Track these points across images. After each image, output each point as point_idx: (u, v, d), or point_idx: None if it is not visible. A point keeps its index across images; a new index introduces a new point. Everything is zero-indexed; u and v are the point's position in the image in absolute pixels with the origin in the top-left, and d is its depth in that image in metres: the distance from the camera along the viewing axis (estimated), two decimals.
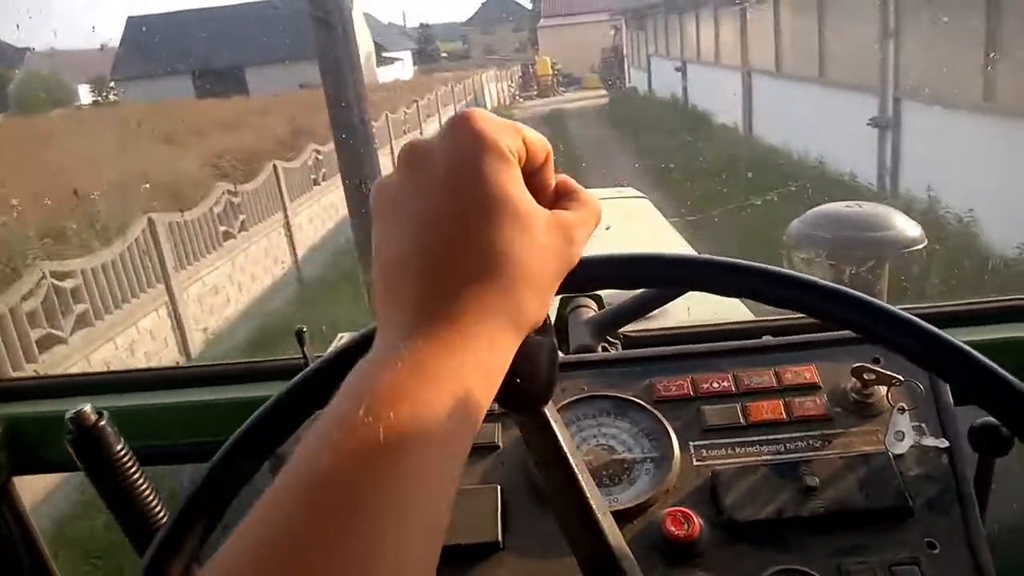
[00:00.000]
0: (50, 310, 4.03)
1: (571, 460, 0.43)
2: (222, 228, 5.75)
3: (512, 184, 0.32)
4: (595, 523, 0.43)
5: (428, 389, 0.28)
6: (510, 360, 0.32)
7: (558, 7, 33.41)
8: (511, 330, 0.32)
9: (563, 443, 0.42)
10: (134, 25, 22.58)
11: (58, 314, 4.09)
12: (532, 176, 0.35)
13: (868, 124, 6.42)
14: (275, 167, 6.79)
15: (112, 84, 20.25)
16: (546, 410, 0.42)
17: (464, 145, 0.32)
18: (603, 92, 22.14)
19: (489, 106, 19.74)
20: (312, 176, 7.60)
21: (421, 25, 44.82)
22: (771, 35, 9.01)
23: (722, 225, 5.22)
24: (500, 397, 0.37)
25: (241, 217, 6.05)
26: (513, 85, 25.23)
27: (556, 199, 0.36)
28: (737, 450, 0.58)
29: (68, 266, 4.31)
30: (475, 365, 0.30)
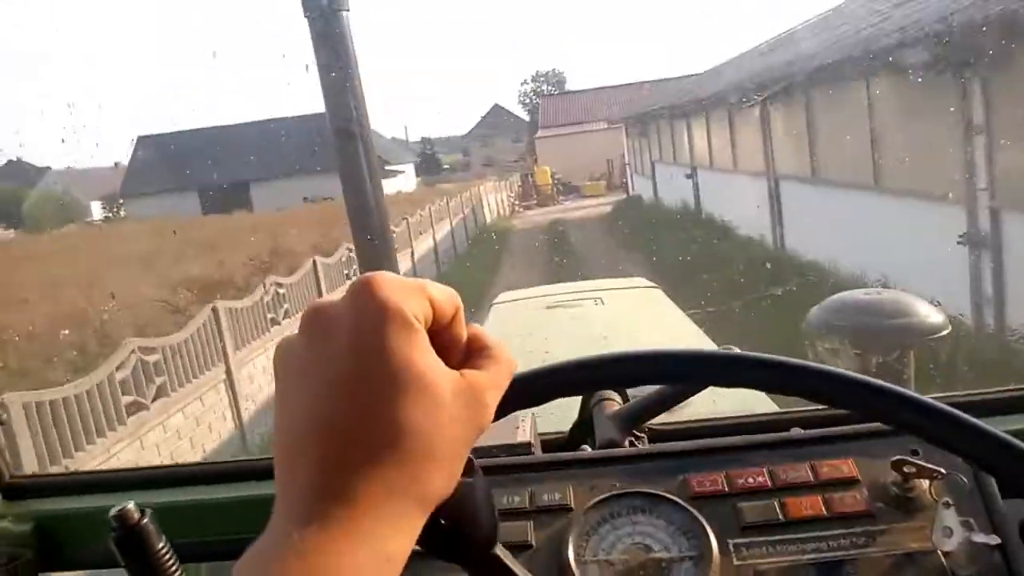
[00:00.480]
0: (136, 381, 4.84)
1: None
2: (270, 315, 6.76)
3: (417, 353, 0.31)
4: None
5: None
6: (414, 541, 0.31)
7: (555, 117, 35.15)
8: (415, 509, 0.31)
9: None
10: (144, 143, 24.06)
11: (143, 384, 4.88)
12: (440, 334, 0.34)
13: (958, 242, 5.10)
14: (315, 262, 7.92)
15: (120, 202, 21.31)
16: (496, 551, 0.41)
17: (367, 313, 0.31)
18: (604, 199, 22.66)
19: (488, 217, 19.67)
20: (345, 272, 8.44)
21: (423, 139, 47.90)
22: (802, 136, 7.84)
23: None
24: (444, 553, 0.38)
25: (285, 306, 7.01)
26: (513, 195, 25.91)
27: (467, 355, 0.35)
28: (778, 548, 0.56)
29: (152, 343, 5.16)
30: (374, 554, 0.29)
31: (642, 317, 2.82)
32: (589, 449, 0.74)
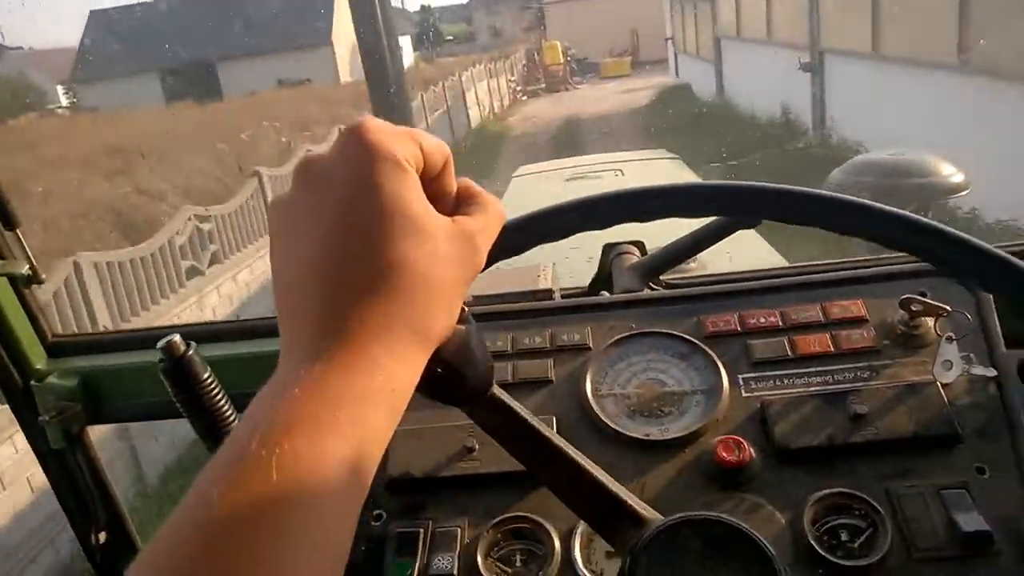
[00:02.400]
0: (193, 247, 5.93)
1: (540, 429, 0.49)
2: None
3: (409, 194, 0.35)
4: (592, 479, 0.49)
5: (327, 417, 0.31)
6: (417, 377, 0.35)
7: None
8: (417, 345, 0.35)
9: (525, 416, 0.49)
10: (97, 20, 22.97)
11: (199, 251, 5.99)
12: (431, 183, 0.38)
13: None
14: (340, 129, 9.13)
15: (64, 90, 20.73)
16: (494, 392, 0.47)
17: (358, 158, 0.35)
18: (632, 83, 19.94)
19: (478, 112, 16.53)
20: None
21: (422, 7, 45.84)
22: None
23: None
24: (445, 396, 0.44)
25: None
26: (515, 78, 22.79)
27: (457, 205, 0.40)
28: (786, 382, 0.67)
29: (205, 212, 6.19)
30: (380, 386, 0.33)
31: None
32: (608, 294, 0.85)
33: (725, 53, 13.11)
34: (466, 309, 0.42)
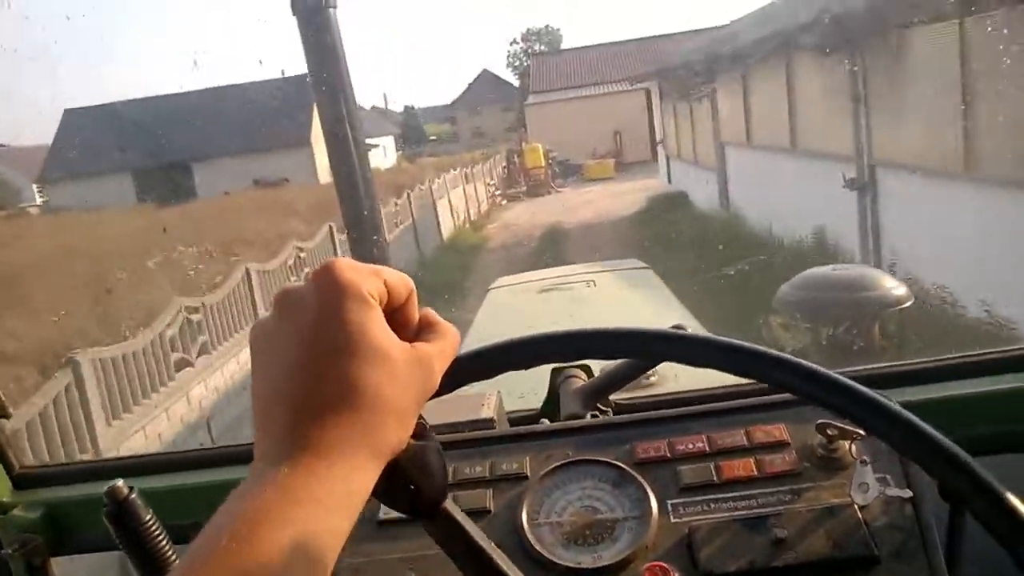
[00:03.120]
0: (183, 338, 6.18)
1: (486, 547, 0.54)
2: (293, 278, 8.38)
3: (372, 325, 0.43)
4: None
5: (292, 511, 0.37)
6: (373, 483, 0.42)
7: (548, 80, 31.36)
8: (372, 456, 0.42)
9: (473, 534, 0.54)
10: (72, 118, 23.25)
11: (188, 342, 6.24)
12: (395, 313, 0.46)
13: None
14: (331, 228, 9.76)
15: (38, 188, 21.04)
16: (447, 506, 0.52)
17: (329, 293, 0.43)
18: (617, 186, 19.96)
19: (447, 232, 15.04)
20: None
21: (406, 108, 48.21)
22: None
23: None
24: (400, 505, 0.49)
25: (306, 270, 8.75)
26: (494, 182, 22.69)
27: (419, 332, 0.48)
28: (712, 506, 0.73)
29: (195, 302, 6.51)
30: (338, 488, 0.40)
31: (631, 298, 3.43)
32: (549, 423, 0.93)
33: (730, 160, 11.58)
34: (426, 425, 0.49)
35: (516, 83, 46.40)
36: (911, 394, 0.93)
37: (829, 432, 0.75)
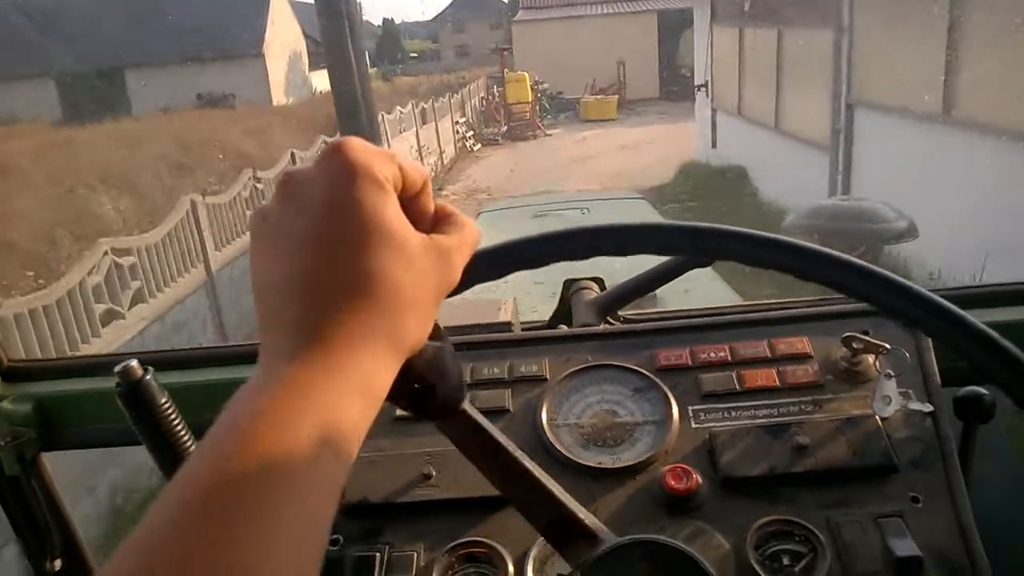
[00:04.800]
0: (110, 286, 5.84)
1: (507, 446, 0.59)
2: (249, 212, 8.07)
3: (387, 210, 0.43)
4: (551, 497, 0.59)
5: (302, 415, 0.37)
6: (391, 382, 0.43)
7: None
8: (391, 352, 0.43)
9: (493, 432, 0.58)
10: None
11: (117, 290, 5.89)
12: (410, 203, 0.47)
13: None
14: (292, 154, 9.62)
15: None
16: (465, 407, 0.56)
17: (339, 173, 0.43)
18: (623, 132, 17.68)
19: None
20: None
21: (384, 21, 47.33)
22: None
23: None
24: (418, 409, 0.52)
25: (263, 202, 8.19)
26: (465, 119, 19.73)
27: (435, 224, 0.48)
28: (733, 414, 0.82)
29: (126, 243, 6.25)
30: (354, 388, 0.40)
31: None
32: (566, 327, 1.02)
33: (865, 133, 7.84)
34: (441, 327, 0.52)
35: None
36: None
37: (855, 345, 0.84)
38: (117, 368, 0.66)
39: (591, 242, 0.70)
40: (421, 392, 0.51)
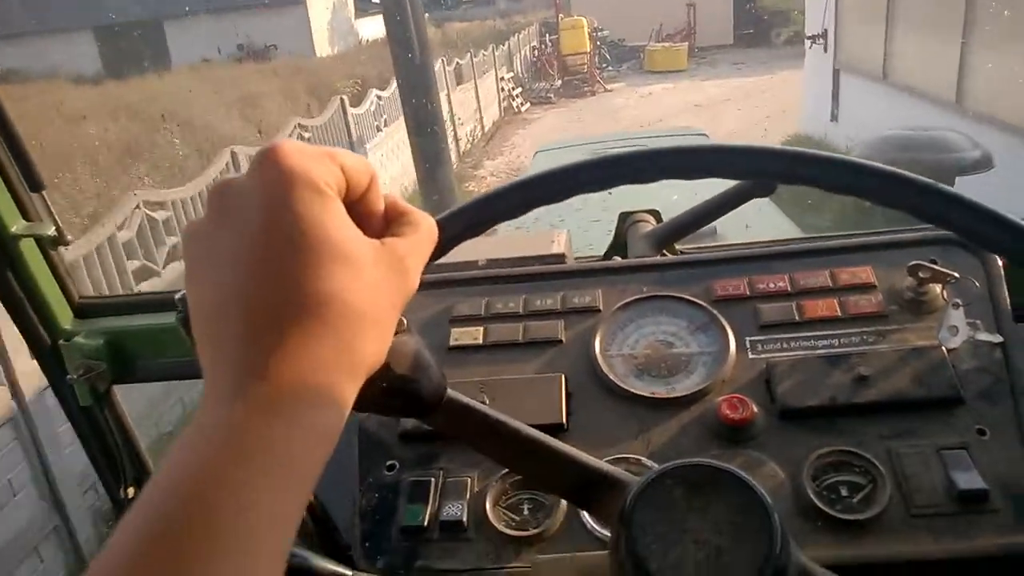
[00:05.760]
0: (143, 242, 5.77)
1: (504, 420, 0.59)
2: (374, 123, 9.07)
3: (331, 219, 0.40)
4: (564, 458, 0.59)
5: (247, 467, 0.35)
6: (348, 410, 0.40)
7: None
8: (346, 378, 0.40)
9: (485, 411, 0.58)
10: None
11: (152, 246, 5.83)
12: (356, 204, 0.44)
13: None
14: (342, 101, 9.68)
15: None
16: (449, 395, 0.56)
17: (275, 182, 0.40)
18: (697, 85, 16.29)
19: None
20: (376, 124, 10.37)
21: None
22: None
23: None
24: (401, 410, 0.53)
25: (384, 116, 9.50)
26: (512, 74, 17.95)
27: (387, 225, 0.46)
28: (792, 344, 0.84)
29: (159, 195, 6.23)
30: (307, 424, 0.38)
31: None
32: (620, 259, 1.06)
33: None
34: (404, 320, 0.50)
35: None
36: None
37: (921, 275, 0.85)
38: (178, 295, 0.69)
39: (676, 160, 0.69)
40: (400, 392, 0.51)
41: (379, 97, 11.06)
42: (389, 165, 10.74)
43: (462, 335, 0.91)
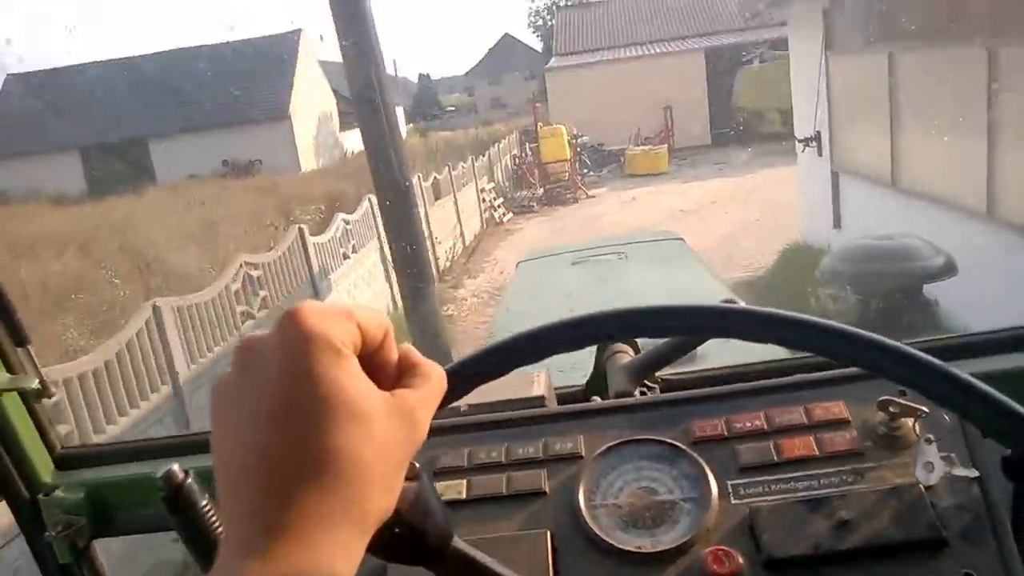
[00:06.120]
0: (245, 292, 7.74)
1: (507, 572, 0.61)
2: (341, 250, 10.58)
3: (347, 378, 0.44)
4: None
5: None
6: (358, 561, 0.43)
7: (576, 40, 28.88)
8: (356, 534, 0.43)
9: (492, 566, 0.60)
10: (15, 84, 23.04)
11: (251, 296, 7.83)
12: (371, 357, 0.48)
13: None
14: (369, 200, 11.14)
15: None
16: (455, 544, 0.58)
17: (295, 342, 0.44)
18: (678, 182, 16.81)
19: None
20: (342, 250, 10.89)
21: (420, 76, 49.87)
22: None
23: None
24: (406, 556, 0.54)
25: (352, 242, 10.95)
26: (493, 185, 18.18)
27: (399, 376, 0.50)
28: (773, 487, 0.86)
29: (255, 259, 8.15)
30: None
31: (667, 272, 4.00)
32: (600, 400, 1.08)
33: None
34: (415, 464, 0.53)
35: (539, 47, 47.37)
36: (979, 366, 1.05)
37: (892, 410, 0.87)
38: (159, 473, 0.72)
39: (615, 327, 0.78)
40: (406, 538, 0.53)
41: (346, 222, 10.98)
42: (359, 294, 10.81)
43: (446, 489, 0.91)
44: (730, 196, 14.18)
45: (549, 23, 42.50)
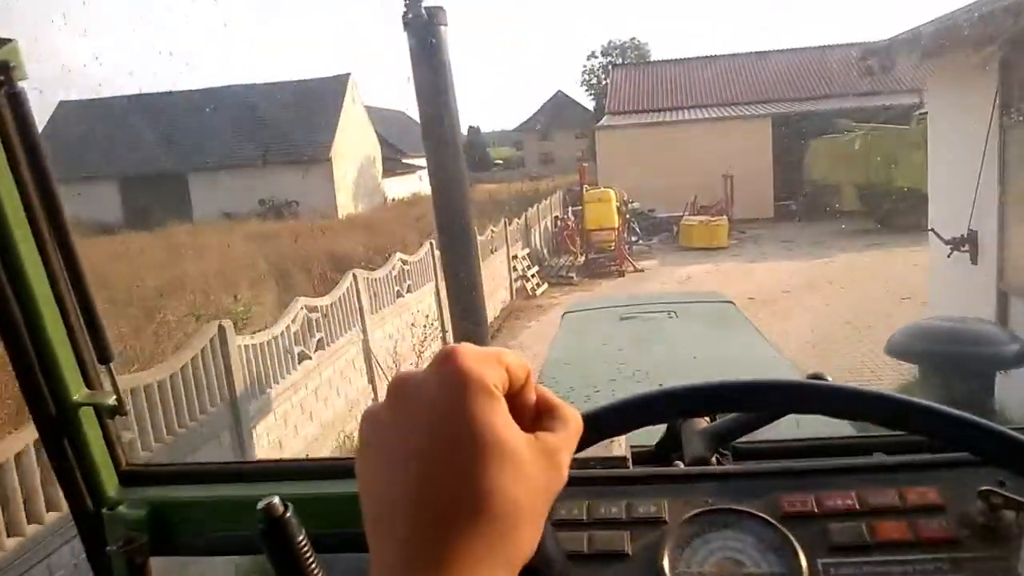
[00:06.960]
0: (303, 334, 8.48)
1: None
2: (396, 288, 11.27)
3: (498, 420, 0.47)
4: None
5: None
6: None
7: (629, 99, 28.46)
8: (507, 570, 0.46)
9: None
10: (65, 112, 23.62)
11: (308, 338, 8.55)
12: (514, 398, 0.51)
13: None
14: (432, 244, 11.93)
15: None
16: None
17: (451, 383, 0.47)
18: (742, 260, 15.59)
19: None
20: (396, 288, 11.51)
21: (470, 128, 51.38)
22: None
23: None
24: None
25: (408, 282, 11.61)
26: (529, 252, 16.81)
27: (538, 417, 0.53)
28: (865, 569, 0.85)
29: (314, 302, 8.83)
30: None
31: (717, 333, 4.10)
32: (680, 464, 1.10)
33: None
34: None
35: (591, 105, 48.35)
36: None
37: (993, 500, 0.86)
38: (260, 505, 0.73)
39: (710, 401, 0.84)
40: None
41: (404, 262, 11.71)
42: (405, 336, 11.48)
43: None
44: (807, 284, 12.57)
45: (603, 81, 43.01)
